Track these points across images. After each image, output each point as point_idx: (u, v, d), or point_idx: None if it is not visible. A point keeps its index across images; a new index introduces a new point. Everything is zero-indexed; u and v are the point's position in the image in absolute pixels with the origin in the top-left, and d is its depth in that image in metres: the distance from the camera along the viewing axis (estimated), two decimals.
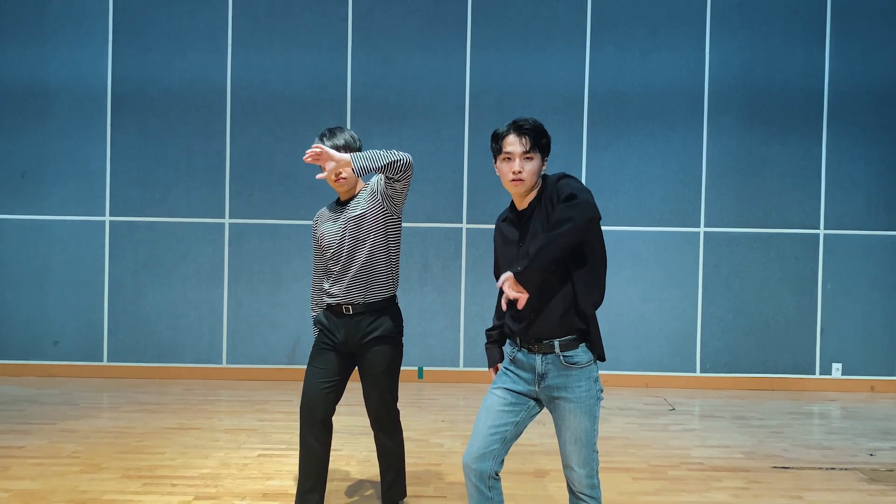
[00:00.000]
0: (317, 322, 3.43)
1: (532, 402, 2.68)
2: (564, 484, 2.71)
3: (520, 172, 2.57)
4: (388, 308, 3.34)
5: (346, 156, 3.09)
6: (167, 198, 6.77)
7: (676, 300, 6.80)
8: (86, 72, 6.75)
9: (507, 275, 2.48)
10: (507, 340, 2.74)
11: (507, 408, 2.64)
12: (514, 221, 2.68)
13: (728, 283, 6.79)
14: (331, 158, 3.08)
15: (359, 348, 3.31)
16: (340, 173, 3.25)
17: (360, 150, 3.37)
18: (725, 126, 6.78)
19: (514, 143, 2.59)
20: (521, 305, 2.46)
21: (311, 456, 3.34)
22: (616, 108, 6.79)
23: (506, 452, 2.65)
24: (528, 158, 2.59)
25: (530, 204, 2.65)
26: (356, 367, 3.40)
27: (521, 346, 2.64)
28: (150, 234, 6.77)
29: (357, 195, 3.36)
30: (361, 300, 3.28)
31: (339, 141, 3.28)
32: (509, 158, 2.60)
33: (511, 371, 2.68)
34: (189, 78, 6.76)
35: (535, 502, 3.81)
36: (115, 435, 4.89)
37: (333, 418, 3.39)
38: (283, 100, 6.78)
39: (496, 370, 2.83)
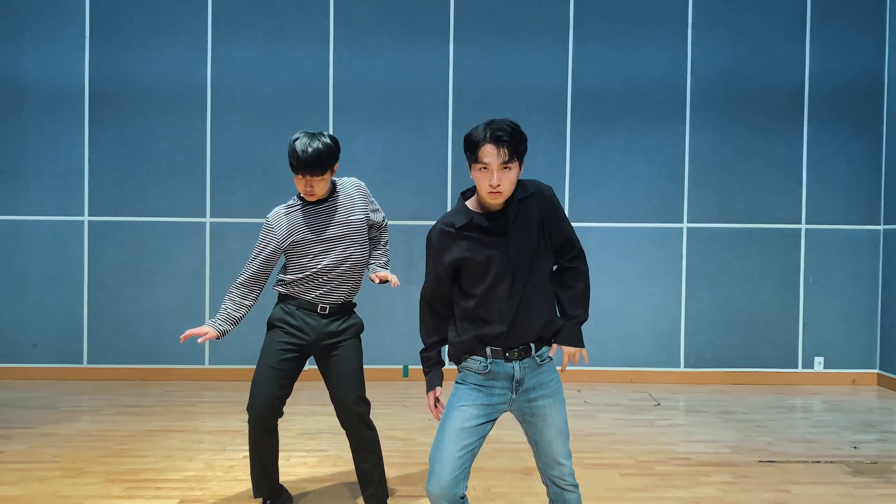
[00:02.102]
0: (278, 320, 3.35)
1: (499, 413, 2.61)
2: None
3: (498, 186, 2.44)
4: (353, 307, 3.47)
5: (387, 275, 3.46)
6: (147, 197, 6.68)
7: (660, 296, 6.82)
8: (62, 68, 6.63)
9: (574, 350, 2.64)
10: (472, 356, 2.56)
11: (477, 423, 2.53)
12: (485, 227, 2.52)
13: (711, 278, 6.82)
14: None
15: (325, 348, 3.34)
16: (313, 188, 3.23)
17: (336, 154, 3.28)
18: (708, 122, 6.81)
19: (491, 154, 2.42)
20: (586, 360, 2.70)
21: (271, 454, 3.40)
22: (599, 105, 6.79)
23: (471, 467, 2.58)
24: (506, 169, 2.45)
25: (509, 205, 2.54)
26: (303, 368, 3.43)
27: (493, 358, 2.53)
28: (129, 234, 6.68)
29: (337, 196, 3.35)
30: (340, 301, 3.34)
31: (319, 144, 3.17)
32: (486, 168, 2.45)
33: (483, 386, 2.55)
34: (169, 74, 6.67)
35: (528, 499, 3.80)
36: (96, 438, 4.81)
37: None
38: (265, 97, 6.71)
39: (435, 393, 2.65)
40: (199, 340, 3.28)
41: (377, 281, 3.44)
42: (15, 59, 6.61)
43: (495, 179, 2.43)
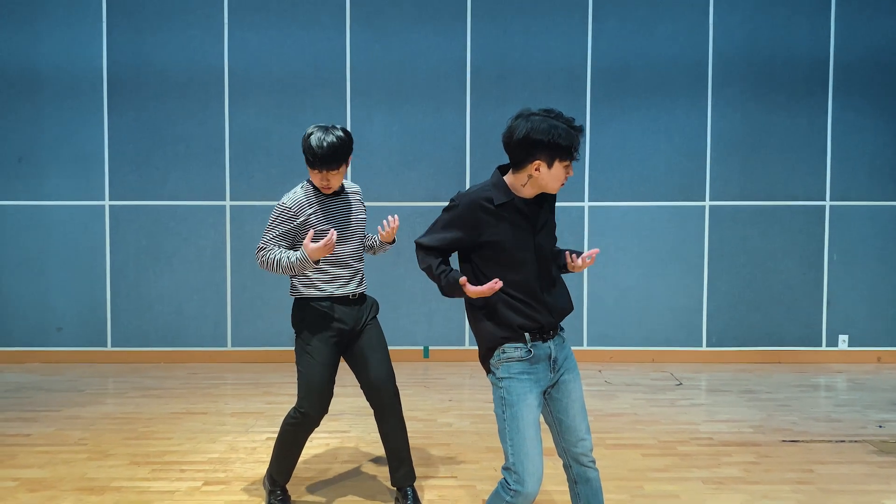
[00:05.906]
0: (319, 318, 3.30)
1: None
2: None
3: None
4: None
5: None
6: (167, 181, 6.71)
7: (682, 274, 6.76)
8: (80, 54, 6.64)
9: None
10: (508, 343, 2.52)
11: (540, 411, 2.57)
12: (522, 210, 2.52)
13: (733, 256, 6.75)
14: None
15: (357, 332, 3.40)
16: (329, 181, 3.29)
17: (350, 146, 3.31)
18: (730, 98, 6.69)
19: (576, 149, 2.50)
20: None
21: (299, 451, 3.48)
22: (619, 82, 6.70)
23: None
24: None
25: (537, 196, 2.58)
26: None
27: (532, 341, 2.53)
28: (150, 218, 6.71)
29: (347, 190, 3.50)
30: (363, 287, 3.46)
31: (333, 138, 3.20)
32: (569, 165, 2.50)
33: (530, 372, 2.53)
34: (186, 58, 6.66)
35: (547, 477, 3.79)
36: (121, 421, 4.88)
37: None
38: (282, 79, 6.68)
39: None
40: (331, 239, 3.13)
41: (389, 226, 3.47)
42: (32, 44, 6.63)
43: (571, 169, 2.53)
